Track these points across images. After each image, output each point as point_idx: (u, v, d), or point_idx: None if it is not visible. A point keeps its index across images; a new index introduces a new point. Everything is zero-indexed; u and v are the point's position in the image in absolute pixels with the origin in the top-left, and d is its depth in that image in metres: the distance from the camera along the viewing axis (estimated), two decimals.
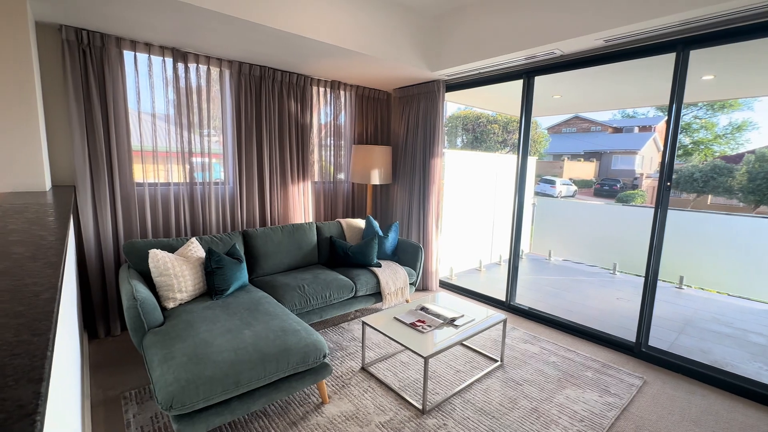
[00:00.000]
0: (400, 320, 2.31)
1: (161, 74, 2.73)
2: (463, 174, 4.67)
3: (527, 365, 2.46)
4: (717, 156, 17.74)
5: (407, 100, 3.88)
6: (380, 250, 3.35)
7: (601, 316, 3.50)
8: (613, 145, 20.96)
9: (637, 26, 2.19)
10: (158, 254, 2.20)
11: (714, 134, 18.53)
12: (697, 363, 2.42)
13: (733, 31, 2.13)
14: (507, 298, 3.45)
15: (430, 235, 3.79)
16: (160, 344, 1.76)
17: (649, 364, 2.54)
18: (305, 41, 2.55)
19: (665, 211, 2.51)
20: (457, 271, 4.69)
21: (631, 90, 4.09)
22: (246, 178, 3.23)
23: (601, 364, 2.51)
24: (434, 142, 3.66)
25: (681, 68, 2.35)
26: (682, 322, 3.43)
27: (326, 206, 3.91)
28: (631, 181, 19.55)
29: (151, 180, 2.80)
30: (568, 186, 18.10)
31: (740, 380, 2.25)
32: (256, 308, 2.17)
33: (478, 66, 3.08)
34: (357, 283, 2.90)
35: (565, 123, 23.66)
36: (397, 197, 4.07)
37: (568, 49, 2.62)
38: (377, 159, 3.72)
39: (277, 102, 3.33)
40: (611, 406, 2.05)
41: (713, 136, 18.51)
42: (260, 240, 2.92)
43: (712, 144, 18.47)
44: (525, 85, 3.14)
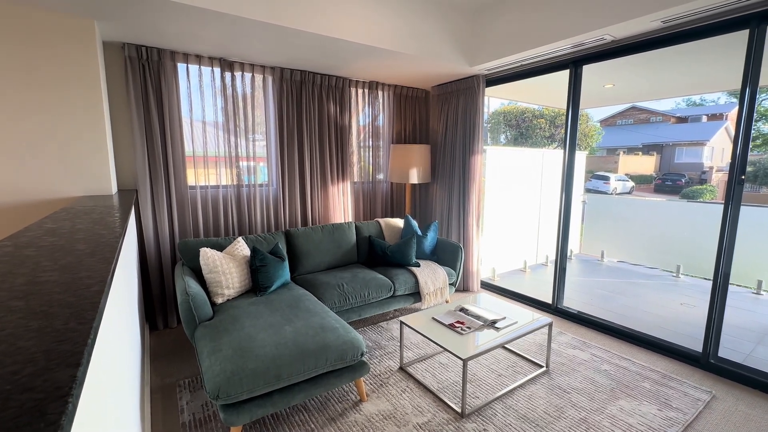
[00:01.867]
0: (438, 321, 2.27)
1: (210, 83, 2.91)
2: (506, 171, 4.50)
3: (575, 372, 2.32)
4: None
5: (446, 97, 3.82)
6: (419, 250, 3.32)
7: (662, 322, 3.21)
8: (677, 136, 19.18)
9: (703, 2, 1.97)
10: (208, 252, 2.34)
11: None
12: None
13: None
14: (554, 301, 3.27)
15: (470, 235, 3.69)
16: (209, 337, 1.87)
17: (719, 377, 2.29)
18: (342, 43, 2.59)
19: (737, 207, 2.25)
20: (500, 271, 4.53)
21: (695, 75, 3.71)
22: (288, 180, 3.35)
23: (661, 374, 2.30)
24: (474, 139, 3.56)
25: (756, 46, 2.09)
26: (760, 331, 3.05)
27: (365, 206, 3.95)
28: (699, 175, 17.78)
29: (202, 183, 2.99)
30: (624, 182, 16.83)
31: None
32: (296, 305, 2.24)
33: (519, 58, 2.96)
34: (395, 282, 2.90)
35: (620, 114, 22.02)
36: (436, 196, 4.02)
37: (620, 33, 2.43)
38: (415, 158, 3.69)
39: (317, 105, 3.41)
40: (672, 422, 1.87)
41: None
42: (301, 239, 3.01)
43: None
44: (572, 75, 2.96)
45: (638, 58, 3.07)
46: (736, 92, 18.72)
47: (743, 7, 2.03)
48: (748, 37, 2.11)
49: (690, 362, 2.43)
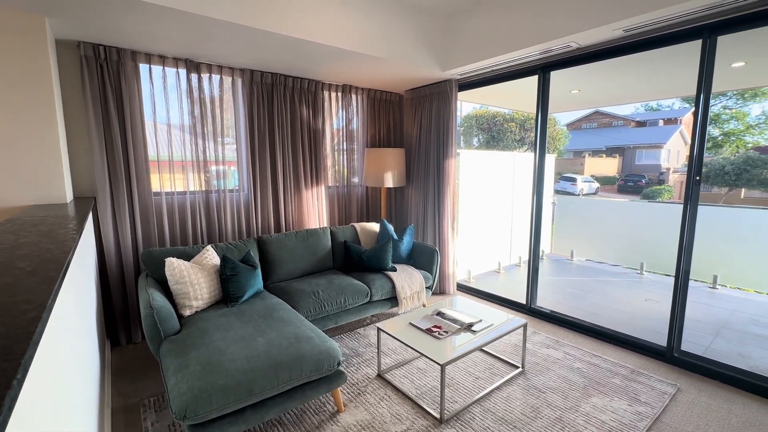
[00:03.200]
0: (416, 326, 2.26)
1: (176, 85, 2.78)
2: (479, 174, 4.57)
3: (550, 371, 2.36)
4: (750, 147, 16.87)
5: (419, 101, 3.84)
6: (395, 254, 3.30)
7: (628, 319, 3.34)
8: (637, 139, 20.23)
9: (659, 13, 2.07)
10: (174, 262, 2.22)
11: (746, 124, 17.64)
12: (736, 369, 2.26)
13: (763, 13, 1.99)
14: (527, 301, 3.34)
15: (446, 238, 3.72)
16: (176, 352, 1.77)
17: (683, 369, 2.40)
18: (315, 46, 2.55)
19: (695, 207, 2.37)
20: (475, 273, 4.59)
21: (654, 81, 3.91)
22: (260, 185, 3.25)
23: (630, 370, 2.38)
24: (448, 142, 3.59)
25: (708, 56, 2.21)
26: (717, 324, 3.23)
27: (340, 211, 3.90)
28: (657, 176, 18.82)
29: (168, 189, 2.85)
30: (590, 183, 17.58)
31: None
32: (270, 315, 2.17)
33: (490, 63, 3.01)
34: (372, 287, 2.86)
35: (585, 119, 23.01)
36: (411, 200, 4.02)
37: (585, 41, 2.52)
38: (390, 162, 3.68)
39: (289, 108, 3.34)
40: (642, 416, 1.93)
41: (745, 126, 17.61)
42: (274, 246, 2.93)
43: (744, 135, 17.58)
44: (540, 80, 3.04)
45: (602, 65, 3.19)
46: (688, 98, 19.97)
47: (696, 18, 2.15)
48: (701, 47, 2.23)
49: (656, 356, 2.53)
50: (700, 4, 1.97)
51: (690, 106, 20.40)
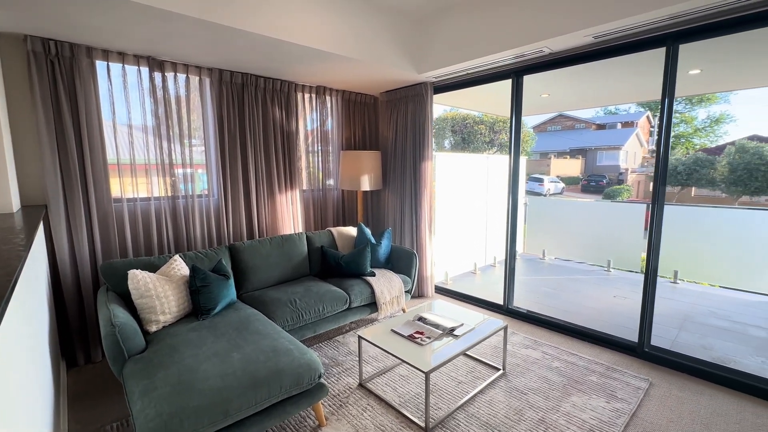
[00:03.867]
0: (397, 333, 2.21)
1: (137, 84, 2.60)
2: (454, 176, 4.61)
3: (530, 372, 2.38)
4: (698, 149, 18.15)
5: (395, 103, 3.81)
6: (373, 259, 3.25)
7: (600, 315, 3.45)
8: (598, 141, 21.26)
9: (626, 21, 2.14)
10: (138, 275, 2.06)
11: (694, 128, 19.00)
12: (702, 361, 2.37)
13: (720, 24, 2.10)
14: (505, 302, 3.38)
15: (423, 241, 3.70)
16: (141, 373, 1.63)
17: (653, 364, 2.49)
18: (287, 46, 2.46)
19: (662, 207, 2.48)
20: (453, 275, 4.62)
21: (617, 87, 4.08)
22: (231, 189, 3.11)
23: (605, 366, 2.44)
24: (424, 145, 3.58)
25: (671, 63, 2.32)
26: (680, 318, 3.40)
27: (316, 215, 3.80)
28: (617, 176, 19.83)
29: (130, 195, 2.66)
30: (556, 183, 18.28)
31: (746, 377, 2.20)
32: (245, 327, 2.05)
33: (465, 66, 3.02)
34: (351, 294, 2.80)
35: (550, 121, 23.94)
36: (388, 203, 3.98)
37: (557, 46, 2.57)
38: (366, 164, 3.62)
39: (261, 109, 3.22)
40: (619, 413, 1.98)
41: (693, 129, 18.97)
42: (248, 254, 2.80)
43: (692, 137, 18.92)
44: (514, 84, 3.09)
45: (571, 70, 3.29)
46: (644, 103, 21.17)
47: (660, 27, 2.25)
48: (665, 54, 2.33)
49: (628, 352, 2.62)
50: (665, 14, 2.06)
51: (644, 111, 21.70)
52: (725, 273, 4.22)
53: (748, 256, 3.97)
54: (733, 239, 4.11)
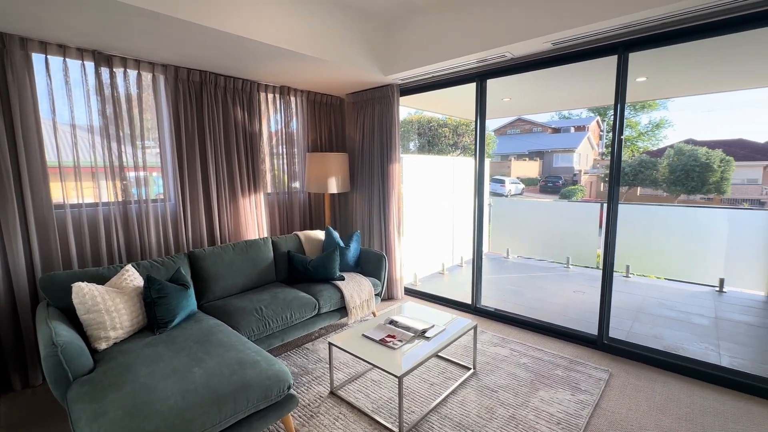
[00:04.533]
0: (368, 337, 2.18)
1: (81, 80, 2.39)
2: (421, 178, 4.64)
3: (500, 370, 2.43)
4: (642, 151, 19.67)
5: (361, 105, 3.78)
6: (342, 262, 3.19)
7: (562, 310, 3.60)
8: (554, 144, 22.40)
9: (581, 29, 2.25)
10: (84, 287, 1.88)
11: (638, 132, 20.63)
12: (654, 350, 2.53)
13: (665, 35, 2.26)
14: (473, 301, 3.43)
15: (392, 243, 3.69)
16: (89, 397, 1.48)
17: (612, 355, 2.62)
18: (248, 43, 2.36)
19: (617, 206, 2.62)
20: (421, 276, 4.65)
21: (573, 92, 4.30)
22: (190, 193, 2.93)
23: (569, 360, 2.54)
24: (391, 147, 3.58)
25: (622, 70, 2.46)
26: (634, 310, 3.62)
27: (282, 219, 3.68)
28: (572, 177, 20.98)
29: (74, 200, 2.43)
30: (517, 184, 19.05)
31: (693, 363, 2.37)
32: (207, 340, 1.93)
33: (430, 69, 3.05)
34: (320, 299, 2.72)
35: (509, 125, 24.94)
36: (356, 205, 3.94)
37: (518, 52, 2.66)
38: (333, 166, 3.56)
39: (222, 109, 3.07)
40: (584, 404, 2.06)
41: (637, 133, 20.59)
42: (209, 261, 2.65)
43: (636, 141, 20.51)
44: (478, 88, 3.16)
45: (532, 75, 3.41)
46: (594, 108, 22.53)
47: (612, 36, 2.38)
48: (617, 62, 2.47)
49: (589, 345, 2.74)
50: (616, 24, 2.18)
51: (594, 116, 23.12)
52: (670, 266, 4.54)
53: (689, 250, 4.31)
54: (675, 235, 4.44)
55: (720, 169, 14.72)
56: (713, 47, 2.85)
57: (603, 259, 2.68)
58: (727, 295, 3.98)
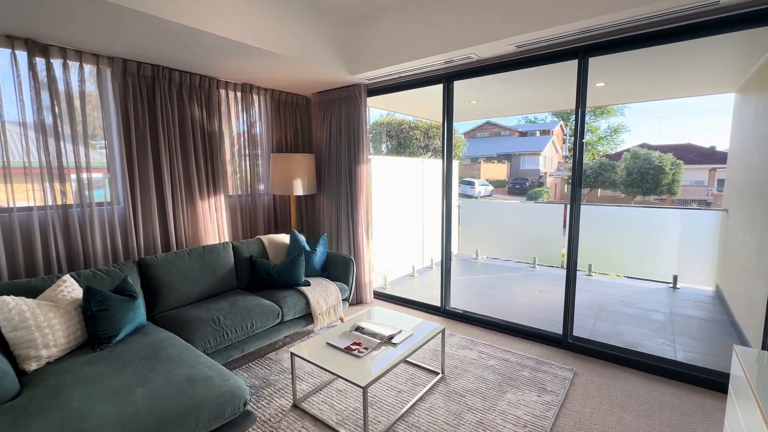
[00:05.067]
0: (333, 345, 2.09)
1: (11, 70, 2.16)
2: (390, 179, 4.60)
3: (468, 373, 2.40)
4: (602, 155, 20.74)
5: (328, 104, 3.68)
6: (308, 267, 3.08)
7: (529, 310, 3.65)
8: (521, 147, 23.15)
9: (544, 33, 2.27)
10: (9, 302, 1.68)
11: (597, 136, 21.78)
12: (616, 348, 2.59)
13: (624, 40, 2.32)
14: (442, 303, 3.41)
15: (361, 246, 3.62)
16: (10, 426, 1.30)
17: (577, 354, 2.66)
18: (203, 37, 2.22)
19: (579, 207, 2.67)
20: (391, 279, 4.59)
21: (537, 96, 4.40)
22: (141, 196, 2.73)
23: (536, 360, 2.56)
24: (359, 148, 3.51)
25: (583, 74, 2.51)
26: (596, 308, 3.73)
27: (245, 223, 3.51)
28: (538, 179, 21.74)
29: (2, 204, 2.19)
30: (486, 186, 19.50)
31: (651, 359, 2.45)
32: (155, 355, 1.78)
33: (397, 70, 3.01)
34: (283, 306, 2.60)
35: (479, 128, 25.55)
36: (323, 208, 3.83)
37: (484, 54, 2.66)
38: (299, 168, 3.44)
39: (177, 107, 2.89)
40: (550, 405, 2.07)
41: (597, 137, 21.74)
42: (162, 268, 2.46)
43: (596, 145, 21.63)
44: (445, 89, 3.15)
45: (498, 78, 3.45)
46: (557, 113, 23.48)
47: (573, 40, 2.42)
48: (577, 66, 2.52)
49: (554, 344, 2.78)
50: (576, 28, 2.22)
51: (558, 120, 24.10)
52: (628, 265, 4.74)
53: (646, 249, 4.50)
54: (632, 234, 4.63)
55: (671, 172, 15.72)
56: (664, 55, 2.99)
57: (567, 260, 2.73)
58: (680, 291, 4.19)
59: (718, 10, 1.97)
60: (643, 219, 4.61)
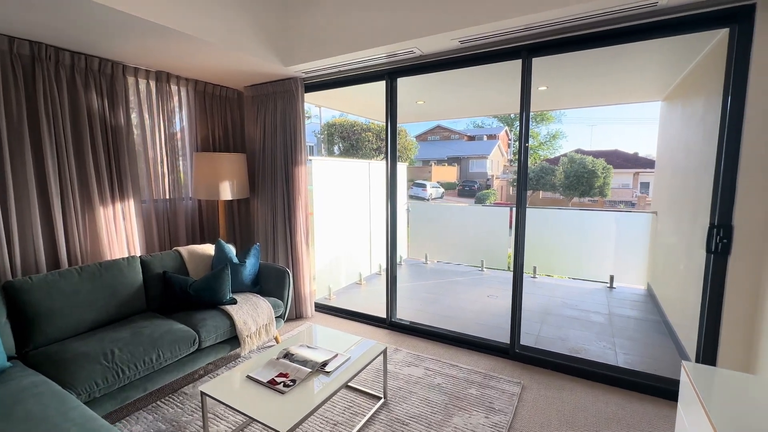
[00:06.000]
0: (254, 379, 1.77)
1: None
2: (334, 183, 4.31)
3: (413, 395, 2.20)
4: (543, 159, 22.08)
5: (262, 99, 3.33)
6: (236, 282, 2.71)
7: (477, 317, 3.55)
8: (469, 151, 23.92)
9: (486, 27, 2.14)
10: None
11: (538, 141, 23.19)
12: (562, 356, 2.53)
13: (564, 40, 2.26)
14: (388, 315, 3.20)
15: (300, 255, 3.30)
16: None
17: (524, 364, 2.57)
18: (97, 10, 1.80)
19: (524, 209, 2.59)
20: (337, 288, 4.31)
21: (482, 99, 4.36)
22: (16, 202, 2.21)
23: (483, 375, 2.42)
24: (296, 148, 3.19)
25: (527, 75, 2.43)
26: (542, 311, 3.73)
27: (162, 233, 3.04)
28: (485, 181, 22.57)
29: None
30: (437, 188, 19.84)
31: (596, 366, 2.41)
32: (6, 414, 1.36)
33: (336, 63, 2.76)
34: (202, 330, 2.22)
35: (429, 132, 26.04)
36: (257, 214, 3.46)
37: (427, 48, 2.49)
38: (228, 169, 3.06)
39: (67, 94, 2.40)
40: (498, 427, 1.92)
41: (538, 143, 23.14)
42: (39, 293, 1.98)
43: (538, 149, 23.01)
44: (388, 86, 2.95)
45: (444, 80, 3.32)
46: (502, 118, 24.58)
47: (516, 38, 2.32)
48: (521, 66, 2.43)
49: (502, 355, 2.67)
50: (518, 24, 2.11)
51: (503, 126, 25.23)
52: (569, 266, 4.86)
53: (585, 250, 4.64)
54: (572, 236, 4.74)
55: (603, 176, 17.05)
56: (601, 62, 3.03)
57: (513, 265, 2.63)
58: (616, 290, 4.35)
59: (657, 12, 1.95)
60: (582, 221, 4.75)
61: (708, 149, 2.48)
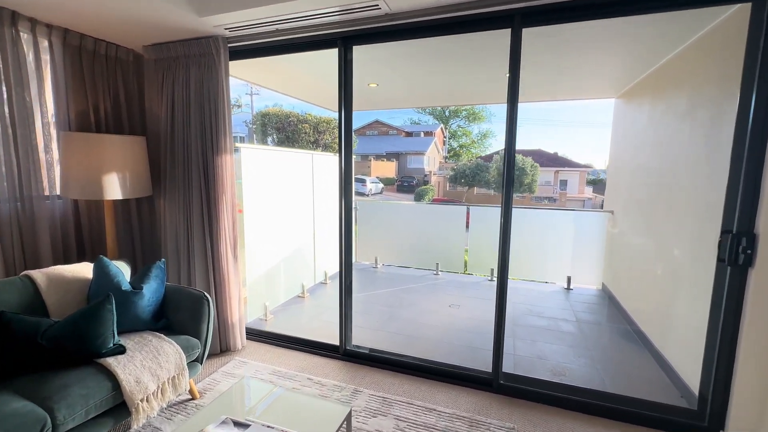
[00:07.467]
0: None
1: None
2: (270, 177, 3.52)
3: None
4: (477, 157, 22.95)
5: (169, 64, 2.48)
6: (129, 317, 1.90)
7: (443, 336, 3.10)
8: (407, 147, 23.94)
9: None
10: None
11: (471, 140, 24.11)
12: (549, 384, 2.17)
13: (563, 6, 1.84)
14: (342, 341, 2.58)
15: (225, 272, 2.53)
16: None
17: (511, 399, 2.14)
18: None
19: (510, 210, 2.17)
20: (275, 306, 3.56)
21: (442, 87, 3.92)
22: None
23: (469, 421, 1.93)
24: (219, 131, 2.42)
25: (516, 48, 1.97)
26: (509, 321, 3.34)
27: (13, 249, 2.08)
28: (423, 177, 22.78)
29: None
30: (377, 184, 19.50)
31: (587, 395, 2.07)
32: None
33: (270, 16, 2.04)
34: (58, 405, 1.41)
35: (368, 126, 25.60)
36: (165, 219, 2.60)
37: (397, 4, 1.91)
38: (117, 156, 2.19)
39: None
40: None
41: (471, 141, 24.05)
42: None
43: (471, 147, 23.90)
44: (342, 55, 2.31)
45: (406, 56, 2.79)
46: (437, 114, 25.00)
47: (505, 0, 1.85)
48: (510, 38, 1.97)
49: (484, 388, 2.22)
50: None
51: (438, 123, 25.64)
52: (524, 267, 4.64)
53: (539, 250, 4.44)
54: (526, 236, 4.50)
55: (531, 173, 18.09)
56: (563, 53, 2.73)
57: (498, 279, 2.19)
58: (574, 291, 4.22)
59: None
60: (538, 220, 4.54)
61: (699, 147, 2.27)
